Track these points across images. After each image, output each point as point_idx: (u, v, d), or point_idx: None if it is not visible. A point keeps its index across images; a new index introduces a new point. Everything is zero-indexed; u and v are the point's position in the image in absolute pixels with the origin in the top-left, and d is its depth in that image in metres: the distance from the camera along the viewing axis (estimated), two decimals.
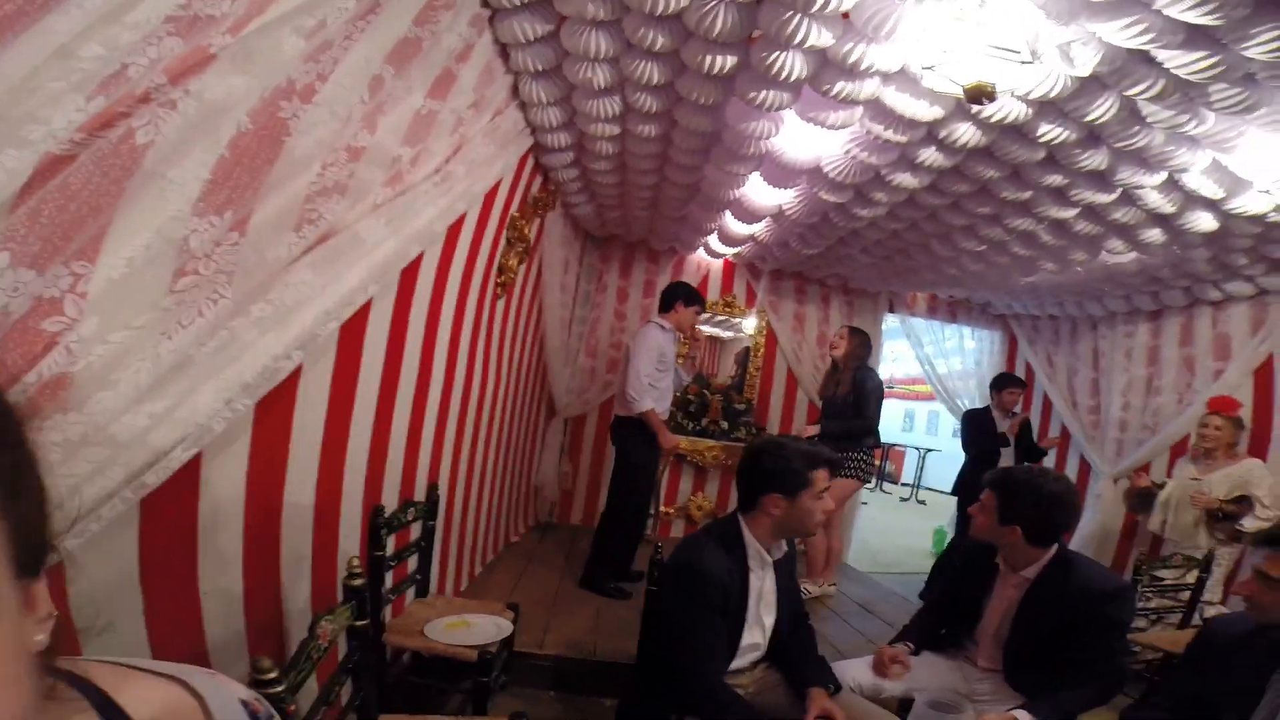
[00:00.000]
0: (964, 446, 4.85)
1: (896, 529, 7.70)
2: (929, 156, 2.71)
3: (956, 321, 5.97)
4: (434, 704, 2.24)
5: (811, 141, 2.86)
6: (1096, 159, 2.52)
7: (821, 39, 2.07)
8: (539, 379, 4.68)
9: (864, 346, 4.09)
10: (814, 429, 4.17)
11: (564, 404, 5.09)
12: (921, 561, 5.81)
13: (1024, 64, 1.82)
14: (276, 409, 1.45)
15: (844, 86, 2.27)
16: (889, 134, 2.53)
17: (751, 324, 5.50)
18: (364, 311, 1.76)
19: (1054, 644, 1.80)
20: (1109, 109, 2.11)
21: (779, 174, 3.17)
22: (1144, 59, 1.86)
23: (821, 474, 1.79)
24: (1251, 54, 1.63)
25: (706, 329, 5.47)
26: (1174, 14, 1.57)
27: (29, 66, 0.87)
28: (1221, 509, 3.45)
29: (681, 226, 4.49)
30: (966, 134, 2.48)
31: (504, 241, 3.07)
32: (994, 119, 2.30)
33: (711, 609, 1.71)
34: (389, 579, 2.01)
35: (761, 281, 5.45)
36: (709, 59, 2.28)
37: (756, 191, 3.51)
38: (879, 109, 2.44)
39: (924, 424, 12.86)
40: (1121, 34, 1.66)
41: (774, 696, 1.85)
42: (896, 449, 12.59)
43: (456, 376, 2.73)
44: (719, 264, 5.45)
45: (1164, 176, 2.61)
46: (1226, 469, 3.50)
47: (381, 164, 1.66)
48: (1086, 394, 5.19)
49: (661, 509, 5.19)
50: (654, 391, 3.59)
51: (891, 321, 6.11)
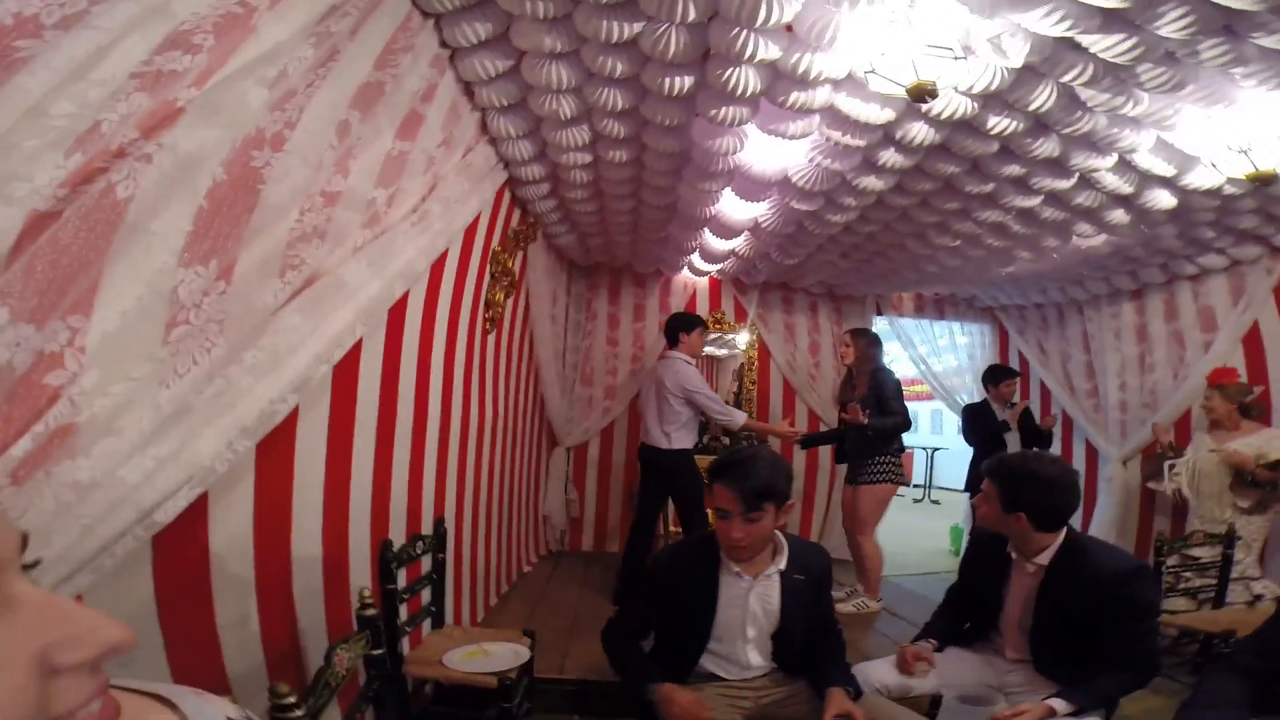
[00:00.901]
0: (968, 441, 4.87)
1: (912, 530, 7.64)
2: (889, 158, 2.81)
3: (945, 318, 6.03)
4: None
5: (777, 153, 2.96)
6: (1048, 146, 2.61)
7: (770, 52, 2.16)
8: (537, 410, 4.73)
9: (873, 346, 4.08)
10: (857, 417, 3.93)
11: (564, 433, 5.13)
12: (940, 561, 5.78)
13: (957, 59, 1.91)
14: (277, 450, 1.50)
15: (798, 96, 2.37)
16: (847, 139, 2.62)
17: (744, 339, 5.57)
18: (355, 352, 1.82)
19: (1078, 629, 1.77)
20: (1049, 97, 2.20)
21: (750, 188, 3.27)
22: (1071, 46, 1.96)
23: (716, 489, 1.72)
24: (1165, 33, 1.72)
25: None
26: None
27: (4, 126, 0.92)
28: (1255, 473, 3.36)
29: (664, 248, 4.58)
30: (921, 133, 2.58)
31: (488, 276, 3.15)
32: (944, 116, 2.40)
33: (644, 592, 1.84)
34: (404, 611, 2.02)
35: (752, 296, 5.53)
36: (668, 81, 2.38)
37: (731, 207, 3.60)
38: (835, 116, 2.54)
39: (928, 424, 12.82)
40: (1043, 22, 1.76)
41: (790, 709, 1.81)
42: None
43: (453, 412, 2.79)
44: (705, 282, 5.54)
45: (1115, 159, 2.70)
46: (1247, 438, 3.46)
47: (358, 207, 1.73)
48: (1083, 377, 5.23)
49: (671, 528, 5.20)
50: (692, 424, 3.91)
51: (881, 325, 6.17)
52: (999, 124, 2.46)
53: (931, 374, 6.10)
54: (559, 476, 5.12)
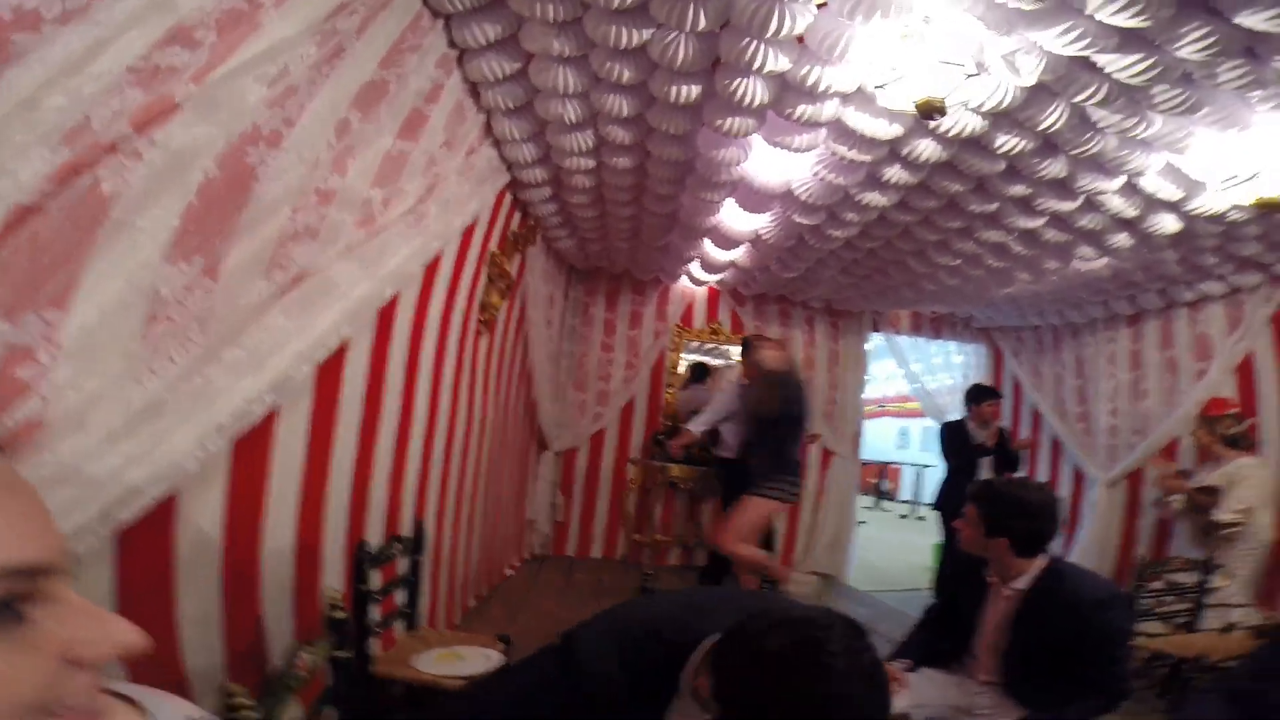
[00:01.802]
0: (942, 459, 4.85)
1: (897, 546, 7.63)
2: (894, 174, 2.78)
3: (941, 337, 6.03)
4: None
5: (781, 166, 2.93)
6: (1055, 167, 2.58)
7: (779, 63, 2.14)
8: (528, 414, 4.69)
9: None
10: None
11: (555, 437, 5.08)
12: (924, 578, 5.75)
13: (970, 76, 1.88)
14: (254, 448, 1.45)
15: (805, 109, 2.35)
16: (853, 154, 2.60)
17: (739, 350, 5.53)
18: (340, 353, 1.78)
19: (1053, 656, 1.77)
20: (1060, 116, 2.18)
21: (753, 199, 3.24)
22: (1086, 65, 1.93)
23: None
24: (1183, 54, 1.70)
25: (695, 357, 5.50)
26: (1104, 18, 1.63)
27: None
28: (1193, 498, 3.47)
29: (664, 256, 4.56)
30: (928, 150, 2.55)
31: (484, 279, 3.11)
32: (952, 133, 2.37)
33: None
34: (376, 612, 2.00)
35: (749, 308, 5.51)
36: (675, 89, 2.35)
37: (733, 217, 3.58)
38: (841, 130, 2.51)
39: (919, 441, 12.86)
40: (1059, 41, 1.73)
41: None
42: (893, 467, 12.56)
43: (440, 415, 2.74)
44: (703, 292, 5.51)
45: (1123, 181, 2.68)
46: (1222, 467, 3.50)
47: (352, 206, 1.70)
48: (1074, 402, 5.22)
49: (656, 536, 5.19)
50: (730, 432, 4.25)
51: (878, 341, 6.16)
52: (1007, 143, 2.43)
53: (926, 392, 6.08)
54: (548, 480, 5.08)
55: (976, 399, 4.70)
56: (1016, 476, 2.45)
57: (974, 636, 2.02)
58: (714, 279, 5.05)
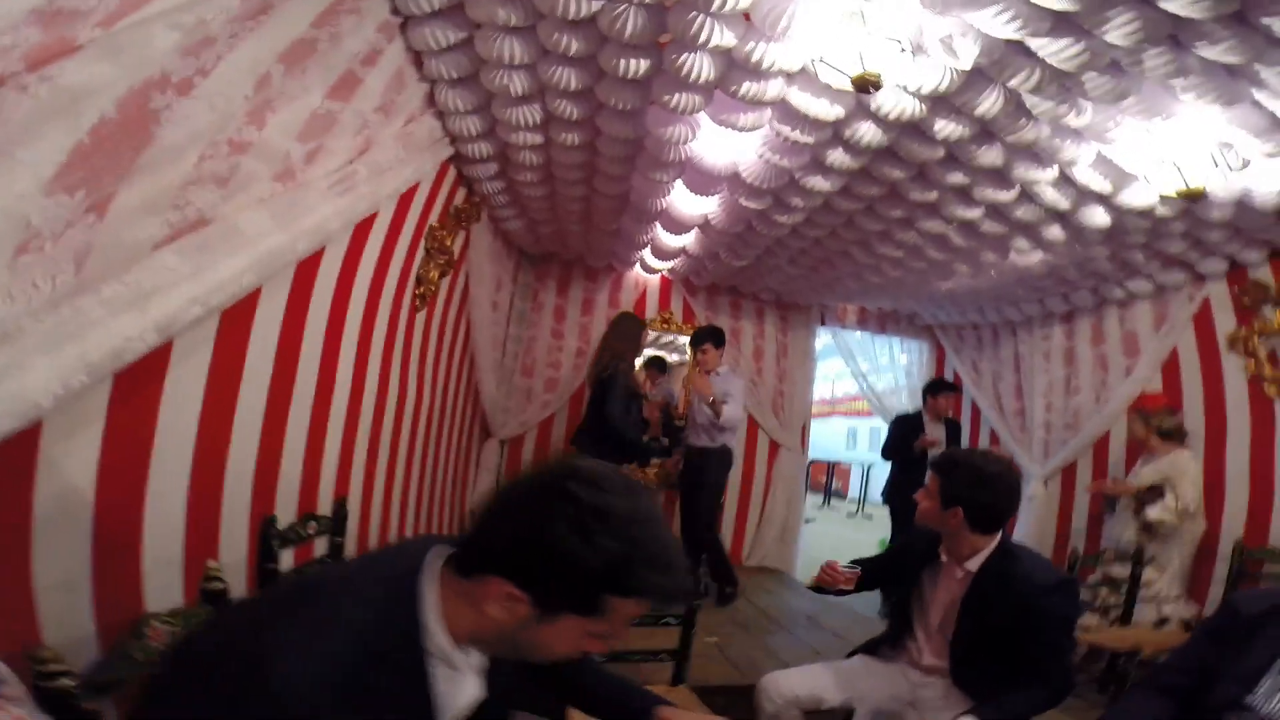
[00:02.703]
0: (885, 454, 4.92)
1: (844, 543, 7.80)
2: (837, 158, 2.81)
3: (886, 332, 6.15)
4: None
5: (728, 146, 2.94)
6: (992, 155, 2.65)
7: (725, 39, 2.13)
8: (470, 398, 4.57)
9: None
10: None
11: (499, 424, 4.98)
12: None
13: (904, 52, 1.91)
14: (137, 396, 1.36)
15: (750, 87, 2.34)
16: (797, 134, 2.61)
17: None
18: (250, 304, 1.69)
19: (1000, 641, 1.75)
20: (995, 102, 2.23)
21: (701, 181, 3.24)
22: (1020, 50, 1.98)
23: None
24: (1112, 38, 1.74)
25: (651, 350, 5.47)
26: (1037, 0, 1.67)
27: None
28: (1138, 497, 3.54)
29: (616, 241, 4.52)
30: (869, 133, 2.58)
31: (422, 251, 3.02)
32: (892, 116, 2.40)
33: None
34: None
35: (700, 298, 5.52)
36: (624, 63, 2.33)
37: (683, 201, 3.57)
38: (786, 110, 2.52)
39: (866, 440, 13.16)
40: (994, 22, 1.76)
41: None
42: (842, 466, 12.82)
43: (368, 386, 2.63)
44: (656, 280, 5.50)
45: (1056, 172, 2.77)
46: (1156, 462, 3.62)
47: (270, 159, 1.62)
48: (1012, 397, 5.38)
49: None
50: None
51: (827, 340, 6.25)
52: (946, 128, 2.48)
53: (874, 392, 6.19)
54: (490, 469, 4.97)
55: (934, 391, 4.79)
56: (979, 449, 2.46)
57: (919, 618, 1.98)
58: (666, 267, 5.04)
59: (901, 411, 5.43)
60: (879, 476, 11.09)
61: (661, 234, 4.17)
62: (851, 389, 11.95)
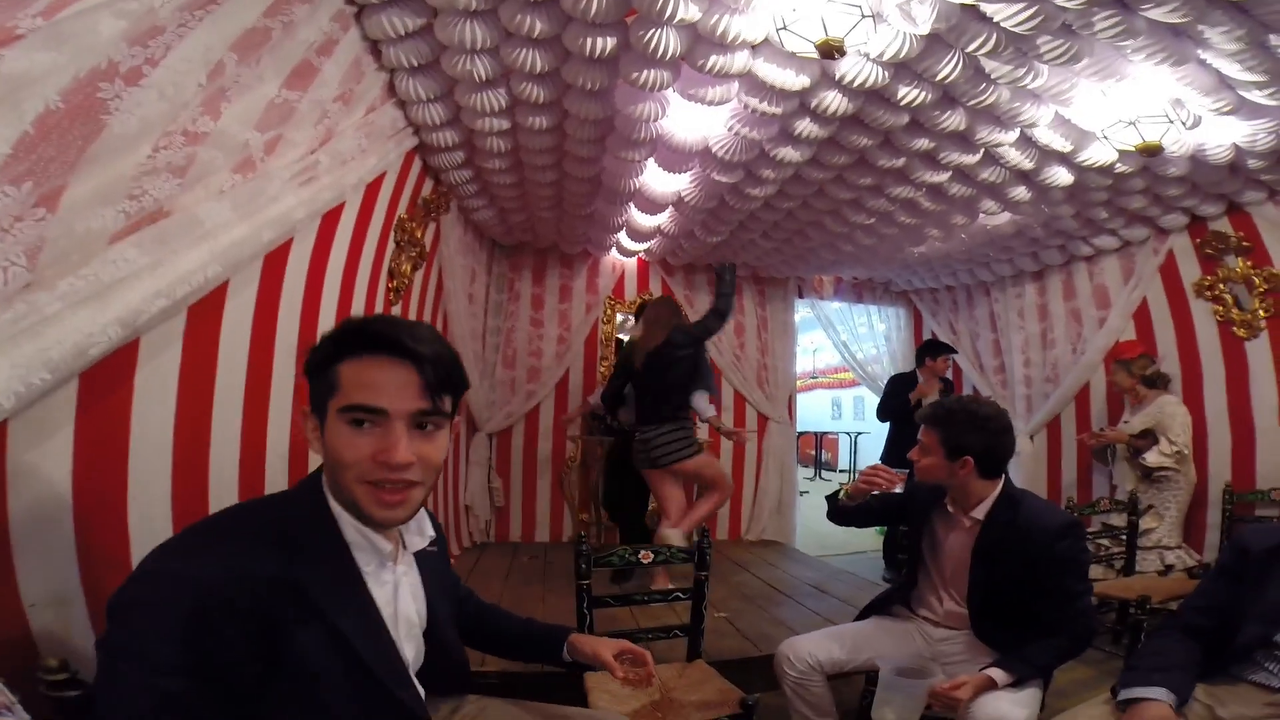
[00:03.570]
0: (881, 415, 4.92)
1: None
2: (805, 128, 2.82)
3: (863, 301, 6.21)
4: None
5: (698, 122, 2.94)
6: (955, 119, 2.68)
7: (690, 12, 2.13)
8: None
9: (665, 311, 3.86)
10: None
11: (484, 419, 4.96)
12: (866, 541, 5.91)
13: (865, 18, 1.92)
14: (109, 399, 1.33)
15: (717, 60, 2.34)
16: (765, 105, 2.61)
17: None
18: (218, 299, 1.66)
19: (1015, 590, 1.73)
20: (955, 67, 2.26)
21: (672, 158, 3.23)
22: (976, 15, 2.01)
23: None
24: (1060, 0, 1.77)
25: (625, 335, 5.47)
26: None
27: None
28: (1131, 444, 3.58)
29: (590, 225, 4.50)
30: (835, 102, 2.59)
31: (393, 244, 2.98)
32: (856, 84, 2.42)
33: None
34: None
35: (678, 278, 5.52)
36: (590, 41, 2.31)
37: (655, 179, 3.56)
38: (753, 82, 2.52)
39: (851, 410, 13.28)
40: None
41: None
42: (830, 437, 12.94)
43: None
44: (633, 263, 5.48)
45: (1017, 134, 2.81)
46: (1146, 408, 3.68)
47: (228, 149, 1.59)
48: (990, 355, 5.49)
49: (603, 514, 5.10)
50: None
51: (807, 312, 6.28)
52: (908, 94, 2.50)
53: (855, 361, 6.25)
54: (480, 464, 4.94)
55: (931, 353, 4.80)
56: (964, 395, 2.40)
57: (933, 569, 1.95)
58: (642, 248, 5.02)
59: (889, 375, 5.46)
60: (867, 445, 11.27)
61: (636, 214, 4.16)
62: (833, 360, 12.07)
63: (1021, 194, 3.39)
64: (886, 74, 2.39)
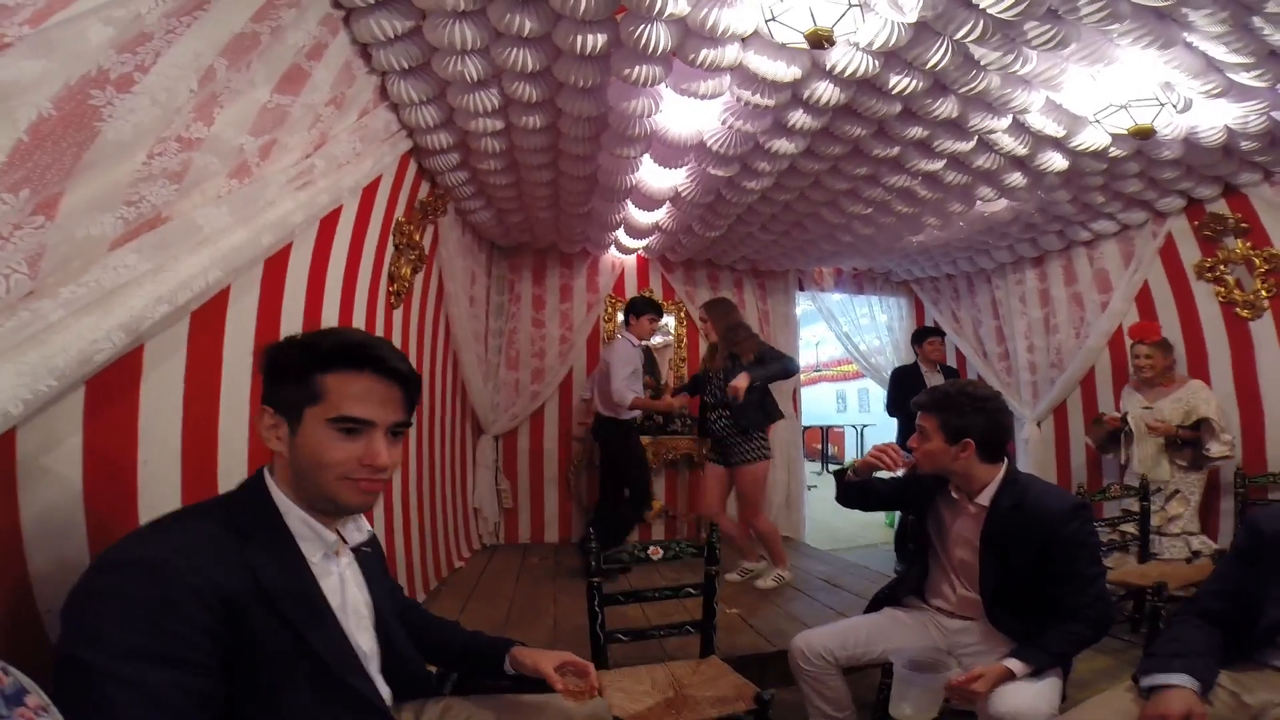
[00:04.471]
0: (891, 410, 4.91)
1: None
2: (799, 119, 2.82)
3: (864, 293, 6.20)
4: None
5: (692, 117, 2.95)
6: (947, 107, 2.68)
7: (679, 6, 2.13)
8: (458, 396, 4.56)
9: (729, 314, 3.89)
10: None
11: (490, 421, 4.97)
12: (876, 534, 5.93)
13: (854, 6, 1.92)
14: (115, 406, 1.35)
15: (708, 54, 2.35)
16: (757, 98, 2.62)
17: (673, 321, 5.55)
18: (220, 305, 1.68)
19: (1028, 574, 1.70)
20: (944, 54, 2.26)
21: (668, 153, 3.24)
22: (963, 3, 2.01)
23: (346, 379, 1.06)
24: None
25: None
26: None
27: None
28: (1180, 436, 3.45)
29: (588, 224, 4.51)
30: (827, 92, 2.59)
31: (391, 247, 3.00)
32: (847, 74, 2.42)
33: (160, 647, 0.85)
34: None
35: (678, 274, 5.52)
36: (581, 38, 2.32)
37: (651, 175, 3.57)
38: (744, 75, 2.53)
39: (855, 403, 13.26)
40: None
41: None
42: (835, 430, 12.92)
43: None
44: (633, 260, 5.49)
45: (1010, 120, 2.81)
46: (1175, 394, 3.56)
47: (223, 154, 1.61)
48: (994, 341, 5.48)
49: None
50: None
51: (807, 305, 6.27)
52: (900, 83, 2.50)
53: (859, 352, 6.25)
54: (487, 466, 4.96)
55: (920, 339, 4.81)
56: (960, 379, 2.39)
57: (944, 558, 1.93)
58: (640, 245, 5.03)
59: (894, 367, 5.46)
60: (873, 437, 11.24)
61: (633, 211, 4.17)
62: (836, 353, 12.05)
63: (1017, 180, 3.38)
64: (877, 63, 2.39)
